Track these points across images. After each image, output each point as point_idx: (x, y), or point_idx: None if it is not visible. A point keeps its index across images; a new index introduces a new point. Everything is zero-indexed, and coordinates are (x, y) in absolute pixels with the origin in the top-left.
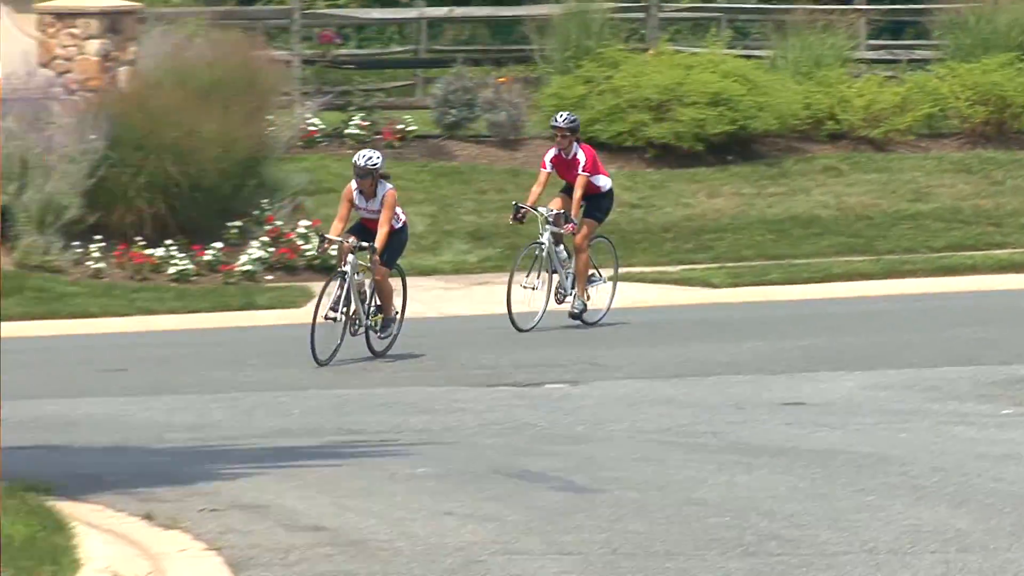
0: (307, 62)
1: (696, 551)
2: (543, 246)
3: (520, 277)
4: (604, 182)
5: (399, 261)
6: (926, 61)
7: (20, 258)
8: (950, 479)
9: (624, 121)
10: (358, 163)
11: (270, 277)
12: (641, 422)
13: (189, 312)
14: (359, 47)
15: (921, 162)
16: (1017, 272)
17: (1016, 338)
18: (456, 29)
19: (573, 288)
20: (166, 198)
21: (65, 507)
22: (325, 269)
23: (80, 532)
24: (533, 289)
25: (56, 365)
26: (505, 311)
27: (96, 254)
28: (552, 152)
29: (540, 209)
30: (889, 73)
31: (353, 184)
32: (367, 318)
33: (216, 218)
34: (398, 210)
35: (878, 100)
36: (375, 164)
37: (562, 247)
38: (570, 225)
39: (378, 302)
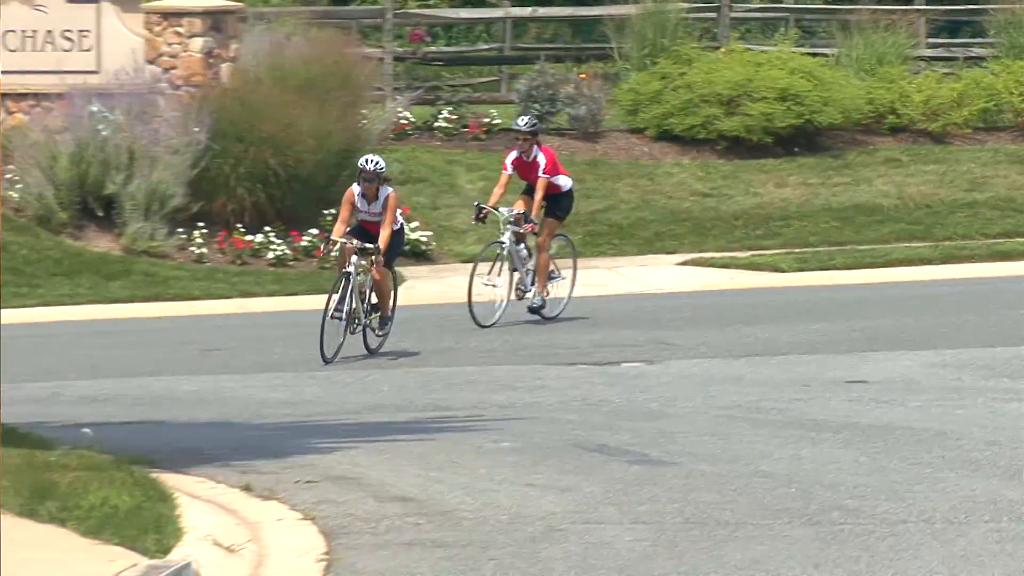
0: (398, 59)
1: (764, 520)
2: (504, 245)
3: (482, 275)
4: (565, 182)
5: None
6: (982, 58)
7: (127, 244)
8: (1003, 452)
9: (697, 115)
10: (366, 167)
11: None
12: (711, 399)
13: (286, 295)
14: (447, 45)
15: (977, 154)
16: None
17: None
18: (539, 28)
19: (533, 284)
20: (265, 187)
21: (169, 479)
22: (416, 255)
23: (183, 502)
24: (494, 287)
25: (161, 345)
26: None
27: (199, 240)
28: (513, 155)
29: (501, 210)
30: (947, 70)
31: (356, 187)
32: (365, 317)
33: (312, 206)
34: (397, 212)
35: (936, 95)
36: (382, 168)
37: (523, 246)
38: (529, 225)
39: (375, 300)
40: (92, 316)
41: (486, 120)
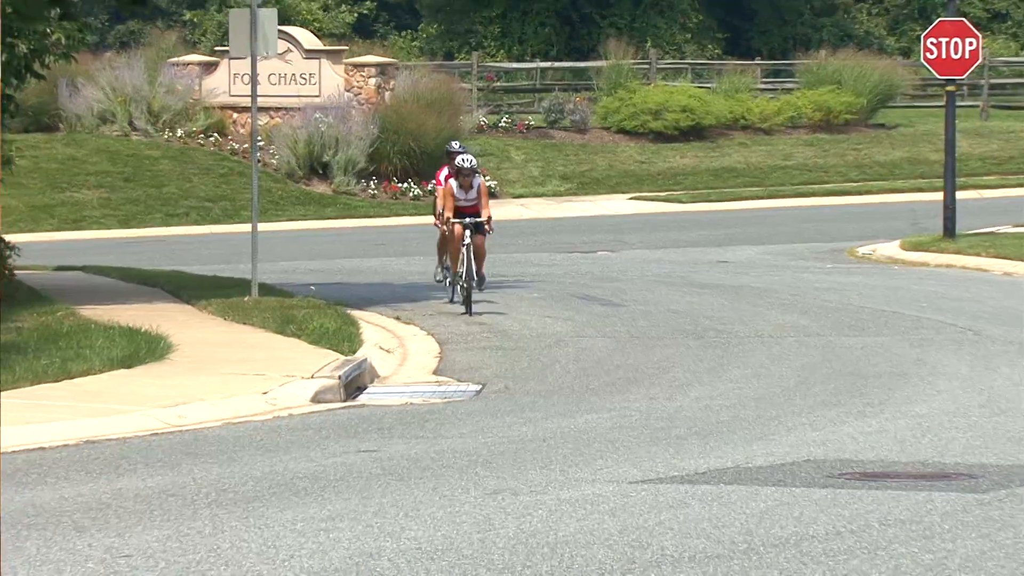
0: (480, 89)
1: (672, 335)
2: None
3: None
4: None
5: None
6: (791, 89)
7: (335, 187)
8: (800, 299)
9: (638, 120)
10: (464, 165)
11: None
12: (646, 271)
13: (418, 215)
14: (506, 82)
15: (787, 140)
16: (834, 196)
17: (833, 229)
18: (555, 72)
19: None
20: (408, 158)
21: (355, 313)
22: (491, 195)
23: (362, 326)
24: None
25: (381, 244)
26: None
27: (372, 186)
28: (445, 171)
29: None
30: (772, 95)
31: (452, 182)
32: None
33: (433, 168)
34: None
35: (766, 109)
36: (475, 164)
37: None
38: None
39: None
40: (314, 228)
41: (526, 122)
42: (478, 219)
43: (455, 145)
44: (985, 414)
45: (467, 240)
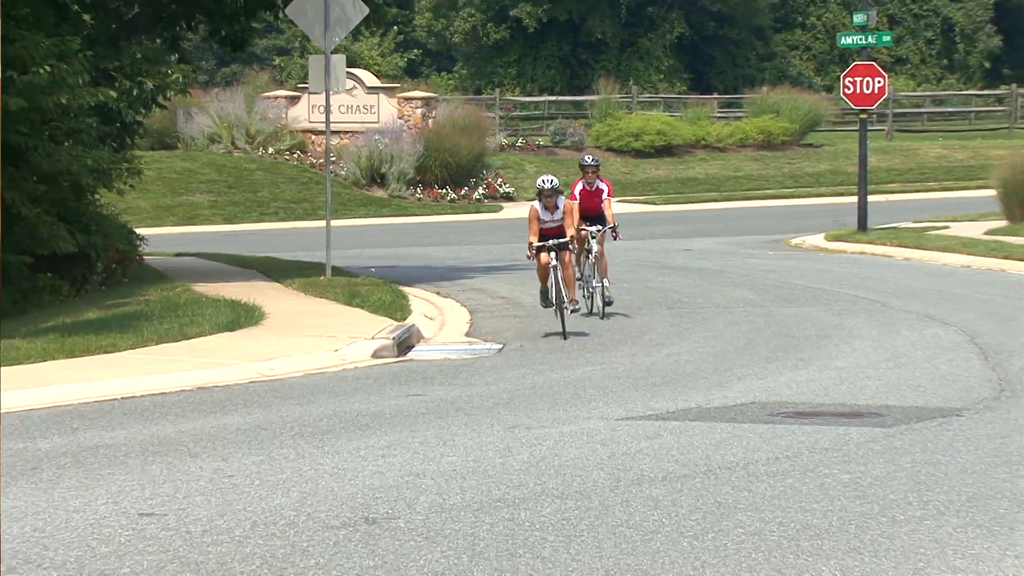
0: (501, 117)
1: (649, 306)
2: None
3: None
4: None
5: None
6: (740, 117)
7: (390, 192)
8: (748, 278)
9: (622, 140)
10: (545, 187)
11: (486, 201)
12: (628, 257)
13: (455, 214)
14: (521, 111)
15: (738, 156)
16: (774, 200)
17: (772, 225)
18: (559, 104)
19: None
20: (446, 170)
21: (405, 289)
22: (508, 198)
23: (411, 299)
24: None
25: (426, 236)
26: None
27: (419, 191)
28: (580, 185)
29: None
30: (726, 122)
31: (537, 204)
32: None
33: (465, 177)
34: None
35: (722, 132)
36: (556, 185)
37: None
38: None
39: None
40: (373, 223)
41: (537, 143)
42: (562, 239)
43: (588, 159)
44: (890, 367)
45: (554, 262)
